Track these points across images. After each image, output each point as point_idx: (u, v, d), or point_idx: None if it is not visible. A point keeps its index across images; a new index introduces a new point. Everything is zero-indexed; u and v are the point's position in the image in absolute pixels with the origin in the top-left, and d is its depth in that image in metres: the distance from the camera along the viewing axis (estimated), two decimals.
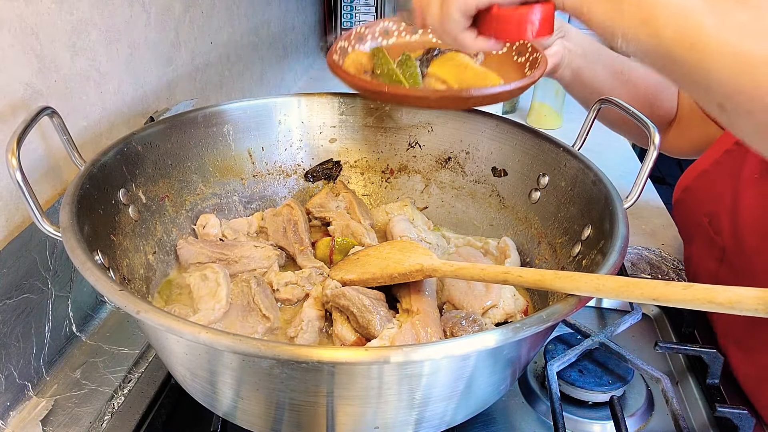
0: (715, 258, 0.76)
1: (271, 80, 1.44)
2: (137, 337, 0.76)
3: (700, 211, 0.78)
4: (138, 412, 0.66)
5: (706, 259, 0.78)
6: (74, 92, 0.74)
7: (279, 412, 0.53)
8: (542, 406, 0.69)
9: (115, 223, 0.66)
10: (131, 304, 0.46)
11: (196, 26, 1.03)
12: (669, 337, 0.81)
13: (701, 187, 0.78)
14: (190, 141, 0.79)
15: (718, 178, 0.76)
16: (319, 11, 1.79)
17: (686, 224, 0.85)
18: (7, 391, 0.65)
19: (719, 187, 0.75)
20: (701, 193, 0.78)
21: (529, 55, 0.78)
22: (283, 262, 0.78)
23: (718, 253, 0.75)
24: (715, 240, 0.75)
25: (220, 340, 0.43)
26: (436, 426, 0.54)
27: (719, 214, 0.74)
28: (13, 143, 0.55)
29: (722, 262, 0.75)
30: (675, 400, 0.65)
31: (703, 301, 0.43)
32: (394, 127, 0.89)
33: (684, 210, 0.83)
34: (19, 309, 0.65)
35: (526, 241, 0.78)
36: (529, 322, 0.46)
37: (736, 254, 0.71)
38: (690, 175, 0.81)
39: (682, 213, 0.84)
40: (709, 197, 0.77)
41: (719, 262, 0.75)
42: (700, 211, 0.78)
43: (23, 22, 0.64)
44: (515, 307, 0.68)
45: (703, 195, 0.78)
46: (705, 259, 0.78)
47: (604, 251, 0.58)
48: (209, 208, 0.82)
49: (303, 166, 0.90)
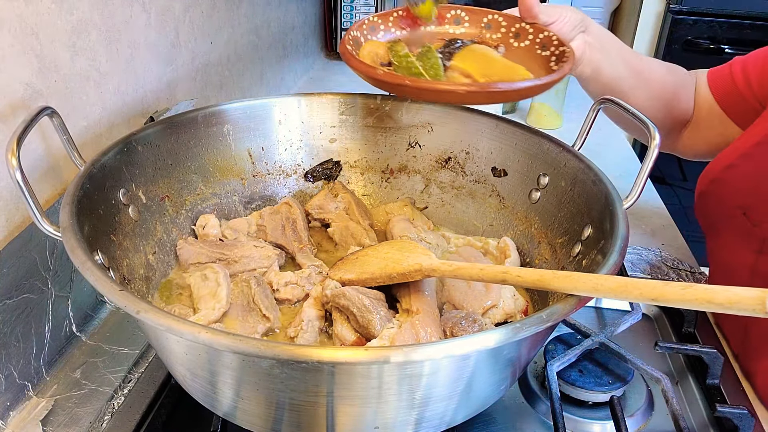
0: (753, 250, 0.75)
1: (271, 80, 1.44)
2: (137, 337, 0.76)
3: (732, 204, 0.77)
4: (138, 412, 0.66)
5: (740, 250, 0.77)
6: (74, 92, 0.74)
7: (279, 412, 0.53)
8: (542, 406, 0.69)
9: (115, 223, 0.66)
10: (131, 304, 0.46)
11: (196, 26, 1.03)
12: (669, 337, 0.81)
13: (731, 179, 0.77)
14: (190, 141, 0.79)
15: (750, 171, 0.74)
16: (319, 11, 1.79)
17: (713, 216, 0.84)
18: (7, 391, 0.65)
19: (753, 179, 0.74)
20: (731, 185, 0.77)
21: (554, 48, 0.74)
22: (283, 262, 0.78)
23: (757, 245, 0.74)
24: (753, 231, 0.74)
25: (220, 340, 0.43)
26: (436, 426, 0.54)
27: (757, 205, 0.73)
28: (13, 143, 0.55)
29: (762, 253, 0.74)
30: (675, 400, 0.65)
31: (702, 301, 0.43)
32: (394, 127, 0.89)
33: (712, 202, 0.81)
34: (19, 309, 0.65)
35: (526, 241, 0.78)
36: (529, 322, 0.46)
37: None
38: (715, 167, 0.79)
39: (709, 205, 0.82)
40: (741, 189, 0.75)
41: (758, 254, 0.75)
42: (731, 204, 0.77)
43: (23, 22, 0.64)
44: (515, 307, 0.68)
45: (734, 187, 0.76)
46: (739, 251, 0.78)
47: (604, 251, 0.58)
48: (209, 208, 0.82)
49: (303, 166, 0.90)
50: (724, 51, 1.92)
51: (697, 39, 1.99)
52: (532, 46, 0.77)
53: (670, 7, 1.97)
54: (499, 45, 0.79)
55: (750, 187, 0.74)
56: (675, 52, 2.01)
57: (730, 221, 0.79)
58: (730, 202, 0.77)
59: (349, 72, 0.72)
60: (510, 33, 0.79)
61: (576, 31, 0.79)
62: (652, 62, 0.89)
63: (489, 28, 0.80)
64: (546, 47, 0.75)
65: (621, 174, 0.77)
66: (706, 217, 0.86)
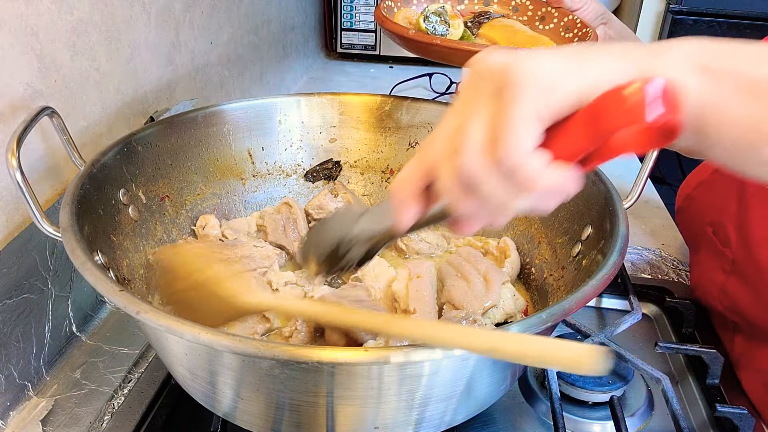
0: (722, 270, 0.75)
1: (271, 80, 1.44)
2: (137, 337, 0.76)
3: (703, 221, 0.77)
4: (138, 412, 0.66)
5: (712, 269, 0.78)
6: (74, 92, 0.74)
7: (279, 413, 0.52)
8: (542, 406, 0.69)
9: (115, 224, 0.66)
10: (131, 305, 0.46)
11: (196, 26, 1.03)
12: (669, 337, 0.81)
13: (702, 196, 0.78)
14: (190, 141, 0.79)
15: (719, 188, 0.75)
16: (319, 11, 1.79)
17: (690, 233, 0.85)
18: (7, 391, 0.65)
19: (722, 196, 0.74)
20: (703, 202, 0.78)
21: (577, 30, 0.77)
22: (283, 262, 0.78)
23: (726, 265, 0.75)
24: (722, 252, 0.75)
25: (220, 341, 0.43)
26: (436, 426, 0.54)
27: (724, 224, 0.73)
28: (13, 143, 0.55)
29: (731, 274, 0.74)
30: (675, 400, 0.65)
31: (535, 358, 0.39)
32: (394, 127, 0.89)
33: (687, 219, 0.82)
34: (19, 309, 0.65)
35: (526, 241, 0.78)
36: (528, 323, 0.46)
37: (748, 268, 0.71)
38: (690, 183, 0.80)
39: (685, 221, 0.84)
40: (711, 207, 0.76)
41: (727, 274, 0.75)
42: (703, 221, 0.77)
43: (23, 22, 0.64)
44: (515, 307, 0.68)
45: (705, 204, 0.77)
46: (711, 270, 0.78)
47: (604, 251, 0.58)
48: (209, 208, 0.82)
49: (303, 166, 0.90)
50: None
51: None
52: (557, 29, 0.81)
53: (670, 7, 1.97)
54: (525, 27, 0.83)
55: (719, 206, 0.74)
56: None
57: (703, 238, 0.79)
58: (701, 219, 0.78)
59: (349, 72, 0.72)
60: (536, 16, 0.84)
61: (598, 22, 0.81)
62: None
63: (516, 11, 0.85)
64: (569, 30, 0.79)
65: (621, 174, 0.77)
66: (685, 232, 0.87)
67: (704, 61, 0.32)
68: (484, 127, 0.33)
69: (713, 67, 0.32)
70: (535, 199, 0.35)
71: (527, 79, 0.32)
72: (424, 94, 1.52)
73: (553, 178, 0.33)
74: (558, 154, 0.33)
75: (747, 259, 0.70)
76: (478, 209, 0.36)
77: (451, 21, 0.77)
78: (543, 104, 0.32)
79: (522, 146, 0.32)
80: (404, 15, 0.79)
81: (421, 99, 0.90)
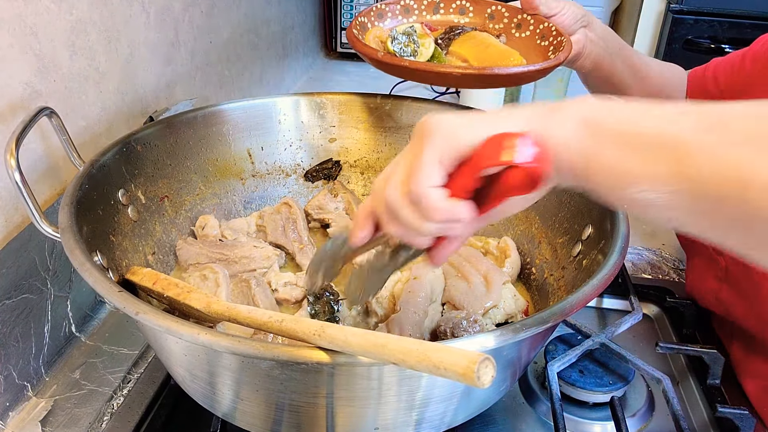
0: (716, 277, 0.75)
1: (270, 80, 1.44)
2: (137, 338, 0.76)
3: None
4: (137, 413, 0.66)
5: (706, 276, 0.78)
6: (73, 92, 0.73)
7: (278, 413, 0.52)
8: (542, 407, 0.69)
9: (115, 224, 0.66)
10: (130, 305, 0.46)
11: (195, 26, 1.03)
12: (670, 337, 0.80)
13: None
14: (190, 141, 0.79)
15: None
16: (319, 11, 1.78)
17: (685, 238, 0.85)
18: (6, 391, 0.64)
19: None
20: None
21: (552, 39, 0.76)
22: (283, 263, 0.78)
23: (720, 273, 0.74)
24: (716, 259, 0.75)
25: (219, 342, 0.42)
26: (436, 426, 0.54)
27: None
28: (12, 143, 0.55)
29: (724, 282, 0.74)
30: (676, 400, 0.65)
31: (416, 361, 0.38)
32: (394, 126, 0.89)
33: None
34: (19, 309, 0.65)
35: (526, 240, 0.78)
36: (529, 323, 0.45)
37: (741, 277, 0.71)
38: None
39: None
40: None
41: (720, 282, 0.75)
42: None
43: (22, 21, 0.64)
44: (516, 307, 0.68)
45: None
46: (705, 277, 0.78)
47: (604, 251, 0.58)
48: (209, 209, 0.81)
49: (303, 166, 0.90)
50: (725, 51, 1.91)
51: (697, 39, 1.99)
52: (533, 37, 0.79)
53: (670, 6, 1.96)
54: (501, 35, 0.81)
55: None
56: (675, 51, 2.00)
57: (697, 244, 0.80)
58: None
59: (349, 72, 0.72)
60: (512, 24, 0.82)
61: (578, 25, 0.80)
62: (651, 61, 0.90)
63: (492, 18, 0.83)
64: (545, 38, 0.78)
65: None
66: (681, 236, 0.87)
67: (588, 118, 0.39)
68: (405, 168, 0.43)
69: (594, 123, 0.39)
70: (439, 225, 0.43)
71: (435, 131, 0.42)
72: (424, 94, 1.51)
73: (447, 207, 0.42)
74: (454, 191, 0.42)
75: (739, 268, 0.70)
76: (401, 231, 0.45)
77: (422, 40, 0.76)
78: (445, 149, 0.41)
79: (425, 181, 0.41)
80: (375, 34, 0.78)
81: (421, 99, 0.90)
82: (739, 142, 0.34)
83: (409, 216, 0.43)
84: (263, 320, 0.48)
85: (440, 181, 0.42)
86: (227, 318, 0.53)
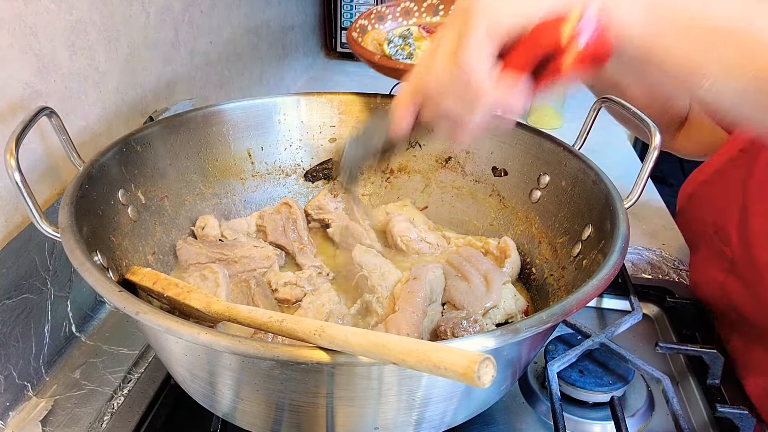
0: (722, 269, 0.75)
1: (270, 80, 1.44)
2: (137, 338, 0.76)
3: (706, 221, 0.77)
4: (138, 413, 0.66)
5: (711, 268, 0.78)
6: (73, 92, 0.73)
7: (279, 413, 0.52)
8: (542, 407, 0.69)
9: (114, 224, 0.66)
10: (130, 305, 0.46)
11: (195, 26, 1.03)
12: (669, 337, 0.80)
13: (705, 195, 0.77)
14: (190, 141, 0.79)
15: (722, 188, 0.74)
16: (319, 11, 1.78)
17: (691, 233, 0.85)
18: (6, 391, 0.64)
19: (725, 196, 0.74)
20: (704, 202, 0.78)
21: None
22: (283, 263, 0.78)
23: (726, 264, 0.75)
24: (723, 250, 0.75)
25: (219, 341, 0.42)
26: (436, 426, 0.54)
27: (726, 224, 0.73)
28: (12, 143, 0.54)
29: (730, 273, 0.74)
30: (675, 400, 0.65)
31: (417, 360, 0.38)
32: None
33: (688, 218, 0.82)
34: (19, 309, 0.65)
35: (526, 240, 0.78)
36: (529, 323, 0.45)
37: (746, 267, 0.71)
38: (692, 183, 0.80)
39: (687, 221, 0.83)
40: (714, 207, 0.76)
41: (726, 273, 0.75)
42: (705, 221, 0.77)
43: (22, 21, 0.64)
44: (516, 307, 0.68)
45: (708, 204, 0.77)
46: (711, 269, 0.78)
47: (604, 251, 0.58)
48: (209, 209, 0.81)
49: (303, 166, 0.90)
50: None
51: None
52: None
53: None
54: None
55: (721, 206, 0.74)
56: None
57: (704, 238, 0.79)
58: (704, 218, 0.78)
59: (349, 72, 0.73)
60: None
61: None
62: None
63: None
64: None
65: (622, 174, 0.77)
66: (686, 231, 0.87)
67: (653, 2, 0.38)
68: (450, 44, 0.41)
69: (658, 7, 0.37)
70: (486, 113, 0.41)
71: (480, 9, 0.40)
72: None
73: (499, 87, 0.40)
74: (508, 65, 0.40)
75: (746, 259, 0.70)
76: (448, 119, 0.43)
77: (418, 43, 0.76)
78: (492, 26, 0.39)
79: (475, 55, 0.39)
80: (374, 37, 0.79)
81: None
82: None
83: (456, 100, 0.41)
84: (263, 320, 0.48)
85: (489, 59, 0.40)
86: (227, 318, 0.53)
